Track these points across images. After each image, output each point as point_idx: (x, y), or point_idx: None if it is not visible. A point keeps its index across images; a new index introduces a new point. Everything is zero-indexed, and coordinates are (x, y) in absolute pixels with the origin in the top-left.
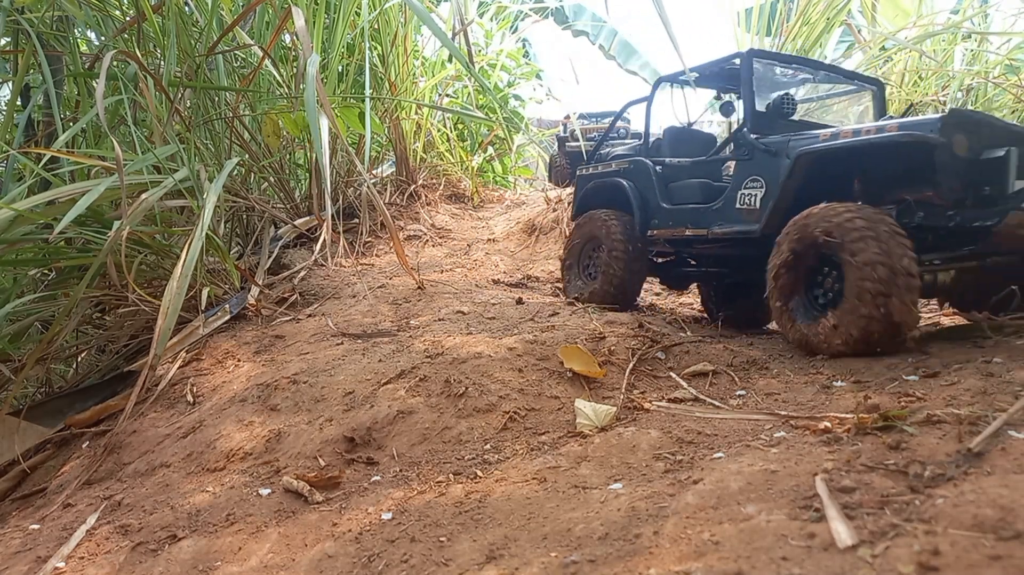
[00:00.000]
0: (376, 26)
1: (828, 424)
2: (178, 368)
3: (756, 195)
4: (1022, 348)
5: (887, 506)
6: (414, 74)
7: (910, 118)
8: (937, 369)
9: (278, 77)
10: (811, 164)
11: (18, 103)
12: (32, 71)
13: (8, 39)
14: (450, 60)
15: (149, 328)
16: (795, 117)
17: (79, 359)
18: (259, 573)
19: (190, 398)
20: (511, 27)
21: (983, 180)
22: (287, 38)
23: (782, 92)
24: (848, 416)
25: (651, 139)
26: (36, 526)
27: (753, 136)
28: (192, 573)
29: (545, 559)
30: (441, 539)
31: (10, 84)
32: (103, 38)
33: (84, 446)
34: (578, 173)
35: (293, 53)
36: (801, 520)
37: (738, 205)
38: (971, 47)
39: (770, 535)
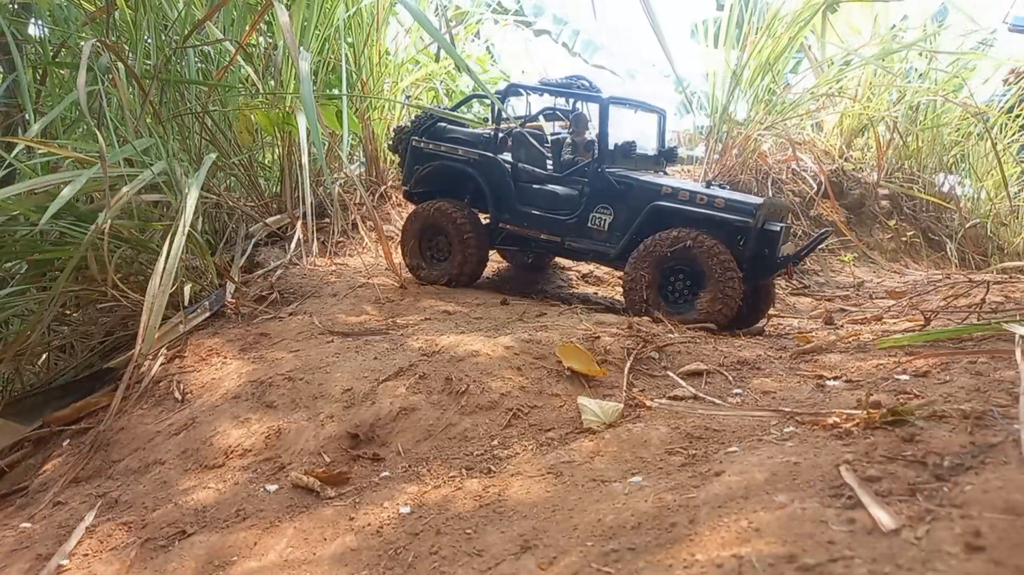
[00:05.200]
0: (349, 26)
1: (837, 419)
2: (160, 366)
3: (605, 220)
4: (1003, 349)
5: (917, 493)
6: (383, 75)
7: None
8: (925, 369)
9: (252, 75)
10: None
11: None
12: None
13: None
14: (416, 62)
15: (125, 324)
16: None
17: (49, 356)
18: (280, 568)
19: (178, 395)
20: (474, 33)
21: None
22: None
23: (631, 140)
24: (856, 412)
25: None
26: (27, 524)
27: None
28: (208, 568)
29: (582, 548)
30: (467, 531)
31: None
32: (57, 28)
33: (65, 444)
34: (413, 143)
35: (260, 49)
36: (835, 507)
37: (590, 225)
38: (917, 67)
39: (808, 521)
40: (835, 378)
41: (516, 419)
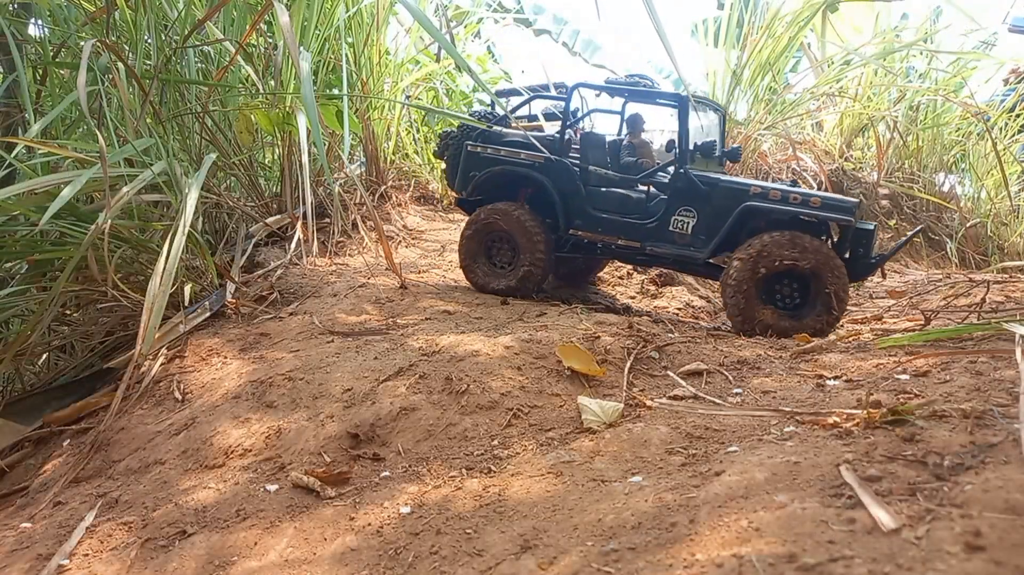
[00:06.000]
0: (349, 26)
1: (837, 419)
2: (160, 366)
3: (689, 222)
4: (1003, 349)
5: (917, 492)
6: (384, 75)
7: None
8: (925, 368)
9: (252, 75)
10: (749, 214)
11: None
12: None
13: None
14: (416, 62)
15: (125, 325)
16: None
17: (49, 356)
18: (280, 567)
19: (178, 395)
20: (475, 33)
21: (859, 244)
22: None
23: (711, 140)
24: (856, 411)
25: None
26: (27, 524)
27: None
28: (208, 568)
29: (582, 548)
30: (467, 531)
31: None
32: (57, 28)
33: (65, 443)
34: (468, 148)
35: (260, 49)
36: (836, 507)
37: (671, 228)
38: (917, 67)
39: (808, 521)
40: (835, 378)
41: (516, 419)
